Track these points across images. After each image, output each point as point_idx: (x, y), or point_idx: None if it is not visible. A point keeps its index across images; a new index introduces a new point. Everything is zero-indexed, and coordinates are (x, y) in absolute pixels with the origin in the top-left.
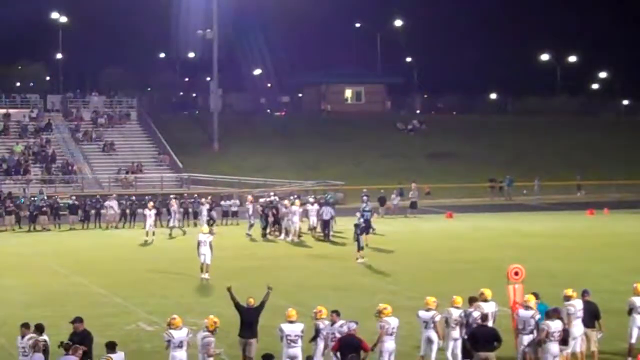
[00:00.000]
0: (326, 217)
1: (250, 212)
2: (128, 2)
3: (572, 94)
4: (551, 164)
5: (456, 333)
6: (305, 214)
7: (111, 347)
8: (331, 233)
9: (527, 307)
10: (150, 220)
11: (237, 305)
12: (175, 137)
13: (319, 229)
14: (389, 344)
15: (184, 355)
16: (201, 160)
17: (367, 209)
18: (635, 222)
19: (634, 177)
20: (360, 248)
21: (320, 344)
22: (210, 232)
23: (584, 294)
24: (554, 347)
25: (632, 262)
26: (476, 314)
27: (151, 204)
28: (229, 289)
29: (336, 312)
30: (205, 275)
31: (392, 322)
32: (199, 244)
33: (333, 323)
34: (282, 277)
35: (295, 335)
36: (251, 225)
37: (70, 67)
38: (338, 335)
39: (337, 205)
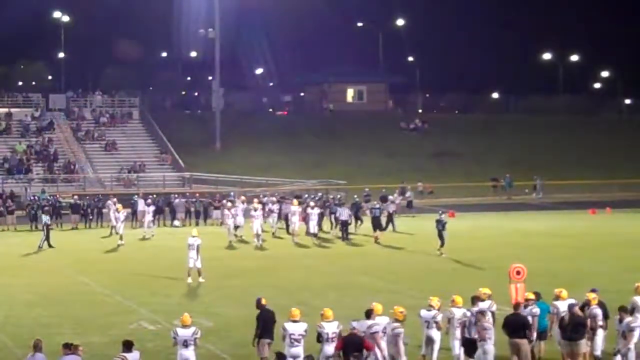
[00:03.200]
0: (344, 217)
1: (239, 212)
2: (130, 1)
3: (574, 93)
4: (553, 163)
5: (458, 333)
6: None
7: (127, 346)
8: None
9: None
10: (120, 222)
11: (259, 318)
12: (178, 137)
13: (330, 229)
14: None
15: (192, 353)
16: (203, 160)
17: (377, 206)
18: (638, 221)
19: (637, 176)
20: (442, 243)
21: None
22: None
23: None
24: (490, 346)
25: (635, 262)
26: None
27: (120, 205)
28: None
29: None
30: (200, 279)
31: (377, 321)
32: (188, 247)
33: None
34: (284, 276)
35: (299, 335)
36: (237, 227)
37: (72, 66)
38: None
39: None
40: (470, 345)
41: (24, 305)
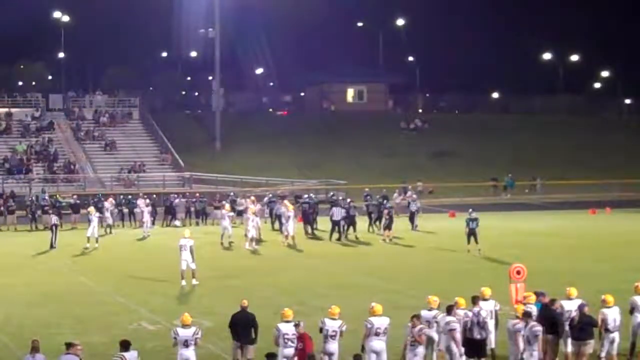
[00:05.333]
0: (336, 217)
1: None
2: (130, 1)
3: (574, 93)
4: (553, 163)
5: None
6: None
7: (125, 346)
8: (343, 235)
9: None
10: (93, 224)
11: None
12: (177, 136)
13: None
14: (376, 344)
15: (192, 354)
16: (203, 160)
17: (388, 205)
18: (637, 221)
19: (636, 176)
20: (477, 240)
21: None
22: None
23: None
24: (421, 349)
25: (634, 261)
26: (484, 313)
27: (92, 208)
28: None
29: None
30: (193, 281)
31: (377, 322)
32: (180, 248)
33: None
34: (283, 276)
35: (293, 334)
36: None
37: (72, 66)
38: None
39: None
40: (471, 346)
41: (24, 305)
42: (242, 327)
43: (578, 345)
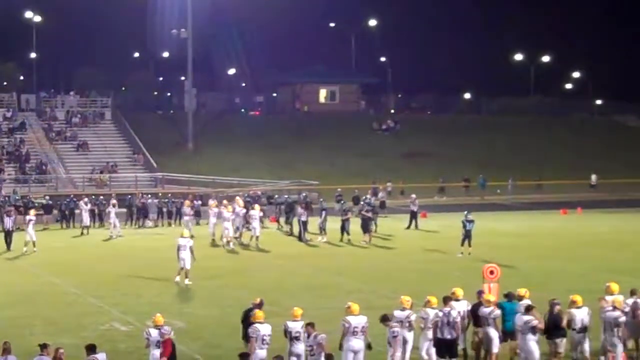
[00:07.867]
0: (303, 218)
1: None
2: (102, 1)
3: (546, 94)
4: (524, 164)
5: (430, 333)
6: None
7: (92, 349)
8: (304, 235)
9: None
10: (30, 228)
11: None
12: (150, 137)
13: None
14: (354, 343)
15: None
16: (175, 160)
17: (370, 201)
18: (608, 222)
19: (607, 177)
20: (470, 243)
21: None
22: None
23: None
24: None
25: (605, 262)
26: (454, 313)
27: (33, 211)
28: None
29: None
30: (186, 281)
31: (354, 321)
32: (178, 248)
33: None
34: (257, 277)
35: (268, 336)
36: (237, 229)
37: (44, 66)
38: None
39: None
40: (442, 346)
41: None
42: (244, 324)
43: (548, 344)
